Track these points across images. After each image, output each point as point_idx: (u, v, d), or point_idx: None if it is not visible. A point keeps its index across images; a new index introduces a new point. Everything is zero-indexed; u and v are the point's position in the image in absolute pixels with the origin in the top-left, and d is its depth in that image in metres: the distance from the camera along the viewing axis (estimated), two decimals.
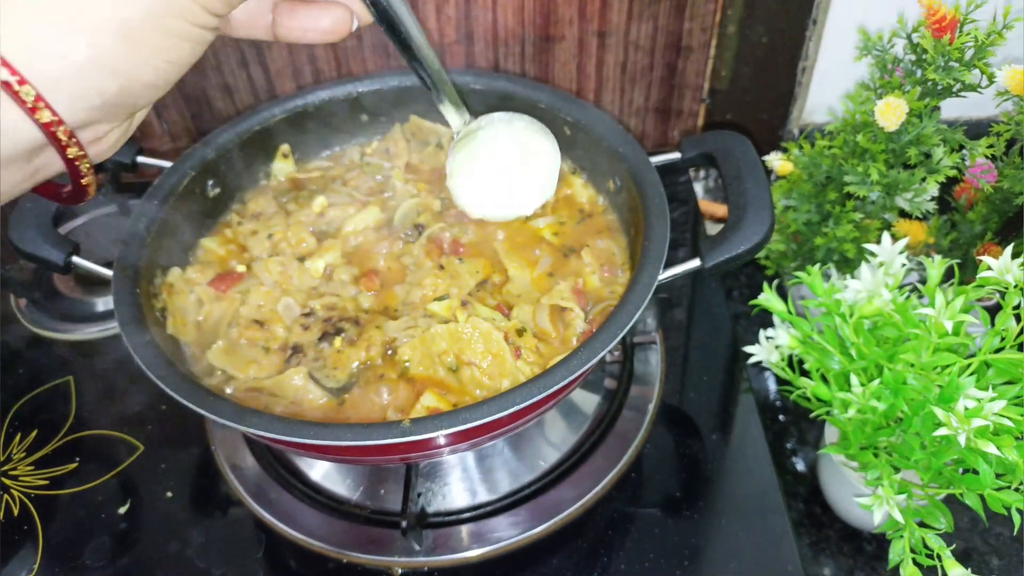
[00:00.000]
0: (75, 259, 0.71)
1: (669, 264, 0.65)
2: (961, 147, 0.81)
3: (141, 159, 0.79)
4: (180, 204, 0.76)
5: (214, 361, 0.69)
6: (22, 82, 0.35)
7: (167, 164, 0.78)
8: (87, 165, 0.41)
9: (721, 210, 1.19)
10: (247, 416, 0.58)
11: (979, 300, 0.67)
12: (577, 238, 0.79)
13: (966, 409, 0.58)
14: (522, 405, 0.56)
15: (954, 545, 0.64)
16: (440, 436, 0.56)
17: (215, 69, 1.03)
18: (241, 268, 0.76)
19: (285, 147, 0.85)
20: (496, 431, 0.64)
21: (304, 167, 0.88)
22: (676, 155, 0.76)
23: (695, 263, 0.66)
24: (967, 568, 0.62)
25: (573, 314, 0.71)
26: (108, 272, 0.69)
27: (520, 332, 0.70)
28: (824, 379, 0.72)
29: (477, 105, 0.86)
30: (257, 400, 0.67)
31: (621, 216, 0.79)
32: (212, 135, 0.81)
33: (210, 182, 0.80)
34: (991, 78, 0.76)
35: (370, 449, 0.59)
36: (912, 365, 0.64)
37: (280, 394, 0.67)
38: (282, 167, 0.85)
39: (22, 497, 0.79)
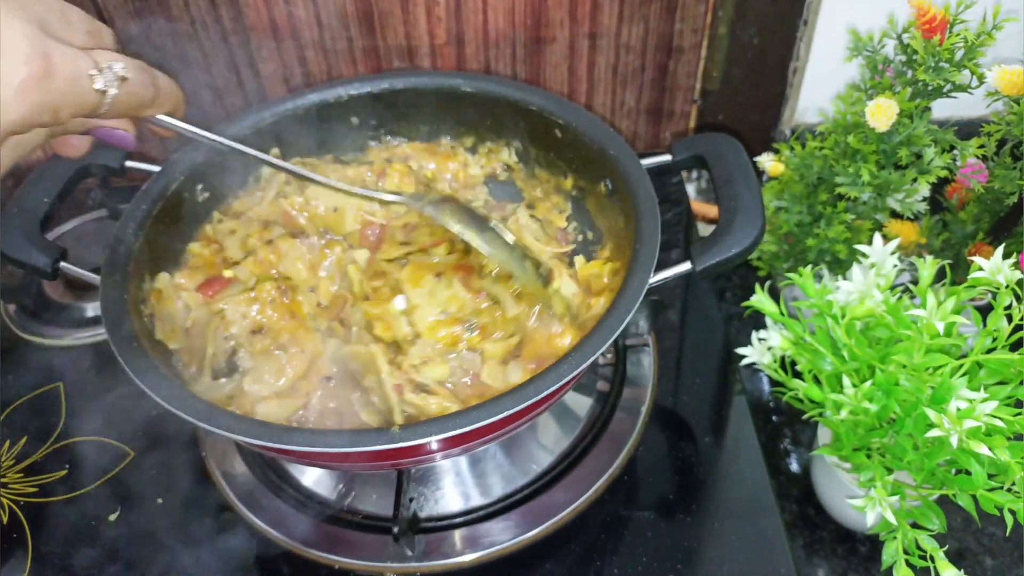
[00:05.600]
0: (62, 264, 0.70)
1: (661, 266, 0.65)
2: (952, 147, 0.81)
3: (130, 163, 0.78)
4: (169, 209, 0.76)
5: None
6: None
7: (156, 168, 0.77)
8: None
9: (713, 211, 1.19)
10: (237, 423, 0.57)
11: (971, 300, 0.67)
12: None
13: (958, 410, 0.58)
14: (513, 411, 0.56)
15: (947, 546, 0.64)
16: (431, 442, 0.56)
17: (205, 72, 1.03)
18: (229, 274, 0.75)
19: (275, 151, 0.85)
20: (487, 436, 0.63)
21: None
22: (667, 158, 0.76)
23: (686, 266, 0.66)
24: (960, 569, 0.62)
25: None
26: (95, 277, 0.68)
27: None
28: (816, 380, 0.72)
29: (469, 109, 0.86)
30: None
31: (613, 219, 0.79)
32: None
33: (199, 186, 0.80)
34: (981, 79, 0.76)
35: (360, 456, 0.59)
36: (904, 366, 0.64)
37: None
38: (272, 170, 0.85)
39: (11, 505, 0.78)
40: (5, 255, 0.69)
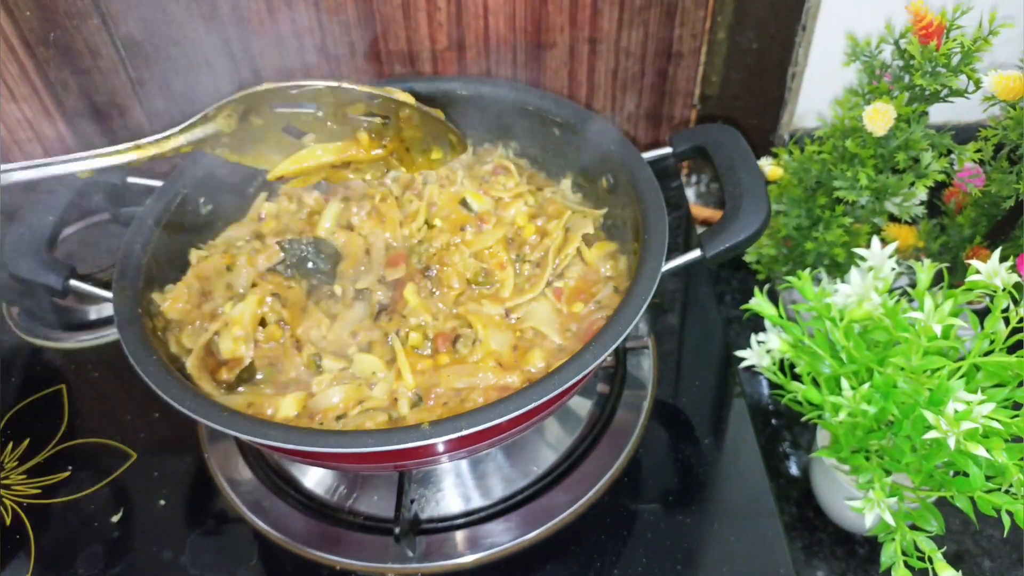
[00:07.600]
0: (72, 282, 0.70)
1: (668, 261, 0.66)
2: (949, 151, 0.82)
3: (132, 179, 0.78)
4: (174, 223, 0.76)
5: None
6: None
7: (157, 183, 0.78)
8: None
9: (712, 214, 1.20)
10: (249, 425, 0.58)
11: (968, 303, 0.68)
12: None
13: (956, 412, 0.59)
14: (523, 409, 0.57)
15: (945, 548, 0.64)
16: (439, 443, 0.57)
17: (208, 75, 1.03)
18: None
19: None
20: (500, 435, 0.64)
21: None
22: (667, 150, 0.76)
23: (696, 253, 0.67)
24: (958, 570, 0.62)
25: None
26: (107, 294, 0.69)
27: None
28: (815, 383, 0.73)
29: (465, 110, 0.86)
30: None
31: (617, 212, 0.80)
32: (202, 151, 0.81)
33: (202, 199, 0.80)
34: (978, 83, 0.77)
35: (362, 456, 0.60)
36: (902, 368, 0.64)
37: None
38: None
39: (14, 506, 0.78)
40: (14, 276, 0.69)
